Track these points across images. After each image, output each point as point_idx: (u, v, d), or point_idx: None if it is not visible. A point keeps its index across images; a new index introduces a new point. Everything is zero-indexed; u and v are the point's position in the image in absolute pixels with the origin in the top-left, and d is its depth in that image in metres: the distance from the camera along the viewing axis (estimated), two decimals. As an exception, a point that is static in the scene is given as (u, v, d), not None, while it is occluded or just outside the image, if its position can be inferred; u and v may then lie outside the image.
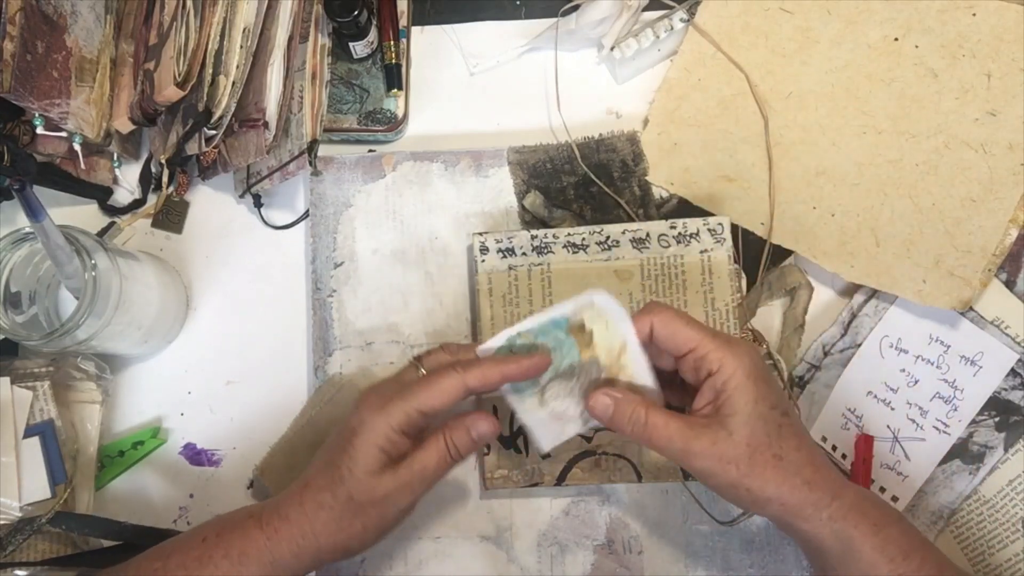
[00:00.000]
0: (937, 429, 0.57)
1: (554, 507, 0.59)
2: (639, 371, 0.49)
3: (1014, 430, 0.56)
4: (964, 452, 0.57)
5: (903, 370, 0.58)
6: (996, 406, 0.57)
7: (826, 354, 0.60)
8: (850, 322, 0.60)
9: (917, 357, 0.58)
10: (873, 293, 0.59)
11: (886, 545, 0.45)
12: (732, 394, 0.46)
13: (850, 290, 0.61)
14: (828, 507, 0.45)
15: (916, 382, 0.58)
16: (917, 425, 0.57)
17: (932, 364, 0.57)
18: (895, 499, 0.57)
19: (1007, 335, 0.56)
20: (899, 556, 0.45)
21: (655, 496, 0.59)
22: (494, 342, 0.49)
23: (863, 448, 0.58)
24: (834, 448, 0.59)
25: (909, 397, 0.58)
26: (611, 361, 0.49)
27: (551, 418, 0.50)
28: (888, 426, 0.58)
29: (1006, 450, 0.56)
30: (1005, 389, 0.56)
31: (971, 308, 0.56)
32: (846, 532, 0.45)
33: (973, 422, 0.57)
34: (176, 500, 0.61)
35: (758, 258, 0.60)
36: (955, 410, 0.57)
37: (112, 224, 0.64)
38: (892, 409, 0.58)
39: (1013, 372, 0.56)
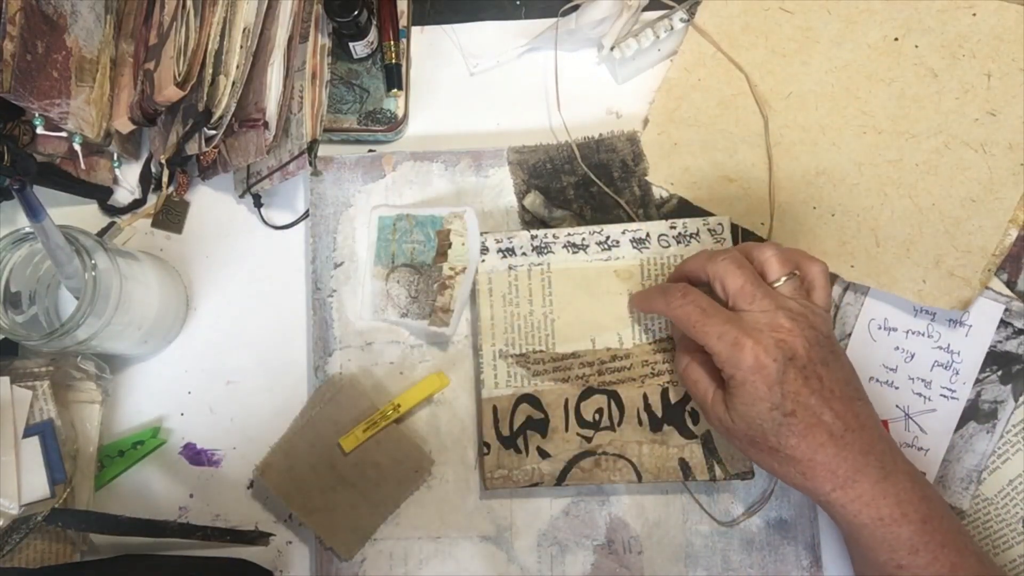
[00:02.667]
0: (945, 397, 0.57)
1: (554, 507, 0.59)
2: (459, 301, 0.57)
3: (1019, 379, 0.57)
4: (977, 413, 0.57)
5: (897, 348, 0.58)
6: (996, 360, 0.57)
7: (823, 352, 0.60)
8: (835, 315, 0.60)
9: (907, 332, 0.58)
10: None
11: (890, 539, 0.46)
12: (733, 392, 0.48)
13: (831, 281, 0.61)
14: (827, 495, 0.47)
15: (912, 356, 0.58)
16: (924, 398, 0.58)
17: (923, 335, 0.58)
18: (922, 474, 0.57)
19: (988, 288, 0.56)
20: (904, 551, 0.46)
21: (655, 496, 0.59)
22: (388, 211, 0.60)
23: None
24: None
25: (910, 372, 0.58)
26: (449, 277, 0.55)
27: (384, 294, 0.57)
28: (897, 406, 0.58)
29: (1016, 400, 0.57)
30: (1000, 341, 0.57)
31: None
32: (848, 520, 0.48)
33: (978, 381, 0.57)
34: (176, 500, 0.61)
35: (758, 258, 0.60)
36: (957, 374, 0.57)
37: (112, 224, 0.64)
38: (896, 388, 0.58)
39: (1003, 323, 0.56)
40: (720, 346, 0.47)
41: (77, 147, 0.60)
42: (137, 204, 0.65)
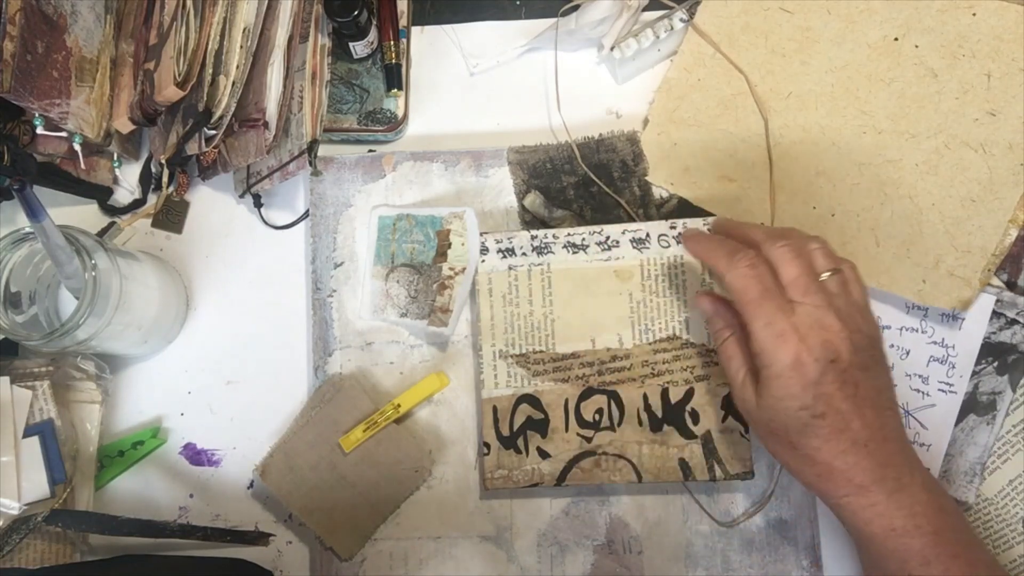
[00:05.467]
0: (943, 391, 0.57)
1: (554, 507, 0.59)
2: (458, 301, 0.57)
3: (1015, 368, 0.57)
4: (976, 405, 0.57)
5: (892, 345, 0.58)
6: (991, 351, 0.57)
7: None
8: None
9: (900, 328, 0.58)
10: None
11: (901, 551, 0.46)
12: (765, 383, 0.47)
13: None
14: (838, 500, 0.47)
15: (907, 353, 0.58)
16: (923, 393, 0.58)
17: (916, 331, 0.58)
18: None
19: None
20: (915, 562, 0.46)
21: (655, 496, 0.59)
22: (388, 210, 0.60)
23: None
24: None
25: (906, 369, 0.58)
26: (448, 277, 0.55)
27: (384, 294, 0.58)
28: None
29: (1014, 390, 0.57)
30: (994, 332, 0.57)
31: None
32: (858, 528, 0.47)
33: (975, 374, 0.57)
34: (176, 500, 0.61)
35: (758, 258, 0.60)
36: (953, 368, 0.57)
37: (112, 224, 0.64)
38: (894, 386, 0.58)
39: (996, 314, 0.56)
40: (764, 334, 0.46)
41: (77, 147, 0.60)
42: (137, 204, 0.65)
